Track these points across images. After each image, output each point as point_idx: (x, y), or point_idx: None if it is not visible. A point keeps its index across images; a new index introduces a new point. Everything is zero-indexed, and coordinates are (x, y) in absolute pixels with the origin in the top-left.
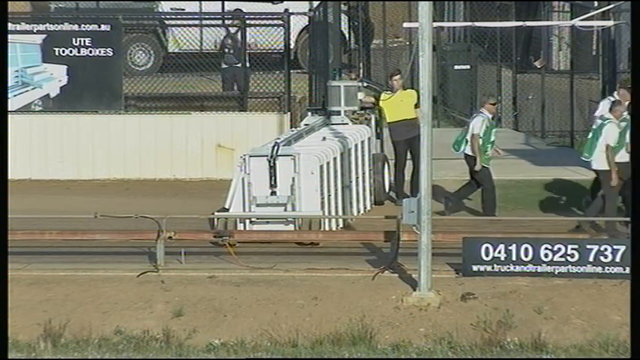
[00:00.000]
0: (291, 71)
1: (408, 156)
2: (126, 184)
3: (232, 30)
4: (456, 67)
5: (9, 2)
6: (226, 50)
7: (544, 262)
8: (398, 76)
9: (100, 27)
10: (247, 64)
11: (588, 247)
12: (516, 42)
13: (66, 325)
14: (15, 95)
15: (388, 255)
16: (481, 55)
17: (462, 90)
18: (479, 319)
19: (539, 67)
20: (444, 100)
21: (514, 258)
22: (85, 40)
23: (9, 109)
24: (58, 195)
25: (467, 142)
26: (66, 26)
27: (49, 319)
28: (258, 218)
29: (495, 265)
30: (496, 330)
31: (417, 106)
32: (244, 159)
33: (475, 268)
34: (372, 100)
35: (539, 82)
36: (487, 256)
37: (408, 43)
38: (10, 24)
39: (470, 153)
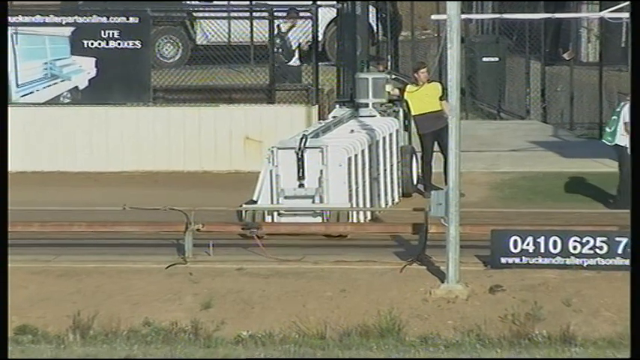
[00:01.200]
0: (319, 63)
1: (435, 148)
2: (154, 176)
3: (283, 29)
4: (485, 59)
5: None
6: (275, 48)
7: (572, 255)
8: (424, 69)
9: (128, 19)
10: (298, 61)
11: (617, 239)
12: (545, 34)
13: (95, 316)
14: (44, 87)
15: (416, 247)
16: (510, 47)
17: (491, 82)
18: (507, 311)
19: (567, 59)
20: (472, 92)
21: (542, 250)
22: (113, 33)
23: (38, 102)
24: (87, 187)
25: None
26: (94, 19)
27: (79, 310)
28: (286, 210)
29: (524, 258)
30: (524, 322)
31: (441, 98)
32: (272, 151)
33: (503, 260)
34: (398, 92)
35: (567, 74)
36: (515, 248)
37: (436, 35)
38: (39, 16)
39: (622, 144)
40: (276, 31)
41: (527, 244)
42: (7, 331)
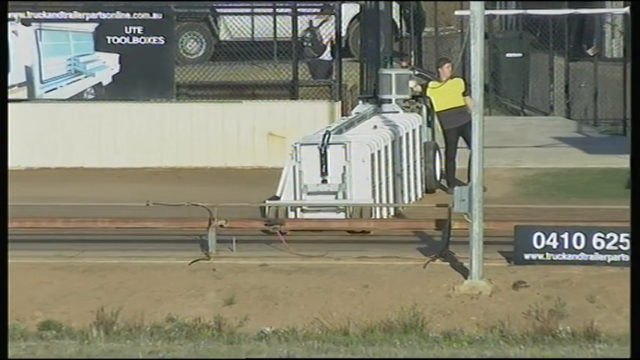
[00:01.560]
0: (343, 59)
1: (460, 144)
2: (178, 172)
3: (315, 24)
4: (508, 55)
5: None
6: (305, 43)
7: (596, 251)
8: (447, 64)
9: (152, 15)
10: (330, 55)
11: None
12: (569, 29)
13: (118, 312)
14: (68, 83)
15: (439, 243)
16: (533, 42)
17: (514, 78)
18: (531, 307)
19: (591, 54)
20: (495, 88)
21: (566, 246)
22: (137, 29)
23: (62, 98)
24: (111, 183)
25: None
26: (118, 15)
27: (102, 306)
28: (309, 206)
29: (547, 254)
30: (548, 319)
31: (464, 93)
32: (295, 147)
33: (527, 256)
34: (420, 89)
35: (591, 70)
36: (539, 244)
37: (459, 31)
38: (62, 13)
39: None
40: (307, 26)
41: (551, 240)
42: (7, 331)
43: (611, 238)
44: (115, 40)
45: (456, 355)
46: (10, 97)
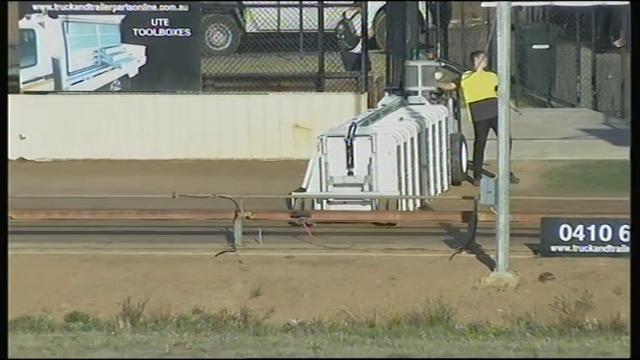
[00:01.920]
0: (369, 51)
1: (489, 136)
2: (204, 163)
3: (347, 16)
4: (535, 46)
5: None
6: (338, 35)
7: (623, 243)
8: (481, 56)
9: (178, 7)
10: (364, 48)
11: None
12: (596, 21)
13: (145, 304)
14: (94, 75)
15: (466, 235)
16: (560, 34)
17: (541, 69)
18: (557, 299)
19: (619, 46)
20: (522, 79)
21: (593, 238)
22: (163, 21)
23: (88, 90)
24: (137, 175)
25: None
26: (144, 7)
27: (129, 297)
28: (335, 198)
29: (574, 246)
30: (575, 311)
31: (496, 88)
32: (321, 139)
33: (553, 248)
34: (453, 86)
35: (618, 62)
36: (566, 236)
37: (485, 22)
38: (89, 4)
39: None
40: (341, 18)
41: (578, 233)
42: (7, 331)
43: None
44: (142, 32)
45: (482, 347)
46: (36, 89)
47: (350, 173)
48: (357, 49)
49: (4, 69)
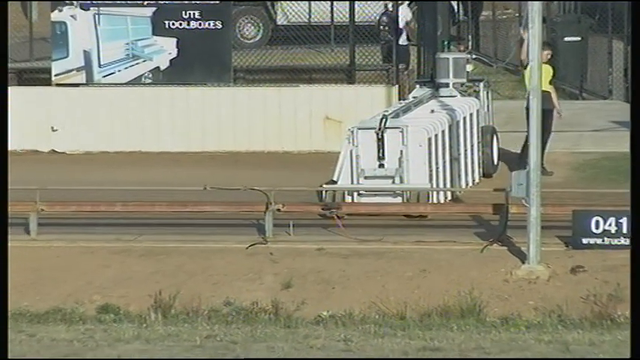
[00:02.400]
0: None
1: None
2: (235, 156)
3: (389, 7)
4: (566, 38)
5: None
6: (382, 27)
7: None
8: (547, 52)
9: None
10: (407, 41)
11: None
12: (628, 13)
13: (176, 296)
14: (126, 68)
15: (497, 228)
16: (592, 26)
17: (573, 62)
18: (589, 292)
19: None
20: (553, 72)
21: (625, 231)
22: (194, 13)
23: (120, 82)
24: (169, 167)
25: None
26: None
27: (160, 290)
28: (366, 190)
29: (606, 239)
30: (606, 303)
31: (551, 82)
32: (352, 131)
33: (585, 241)
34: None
35: None
36: (597, 229)
37: (517, 14)
38: None
39: None
40: (384, 10)
41: (610, 225)
42: (7, 331)
43: None
44: (173, 25)
45: (513, 340)
46: (68, 81)
47: (381, 165)
48: (400, 40)
49: (5, 67)
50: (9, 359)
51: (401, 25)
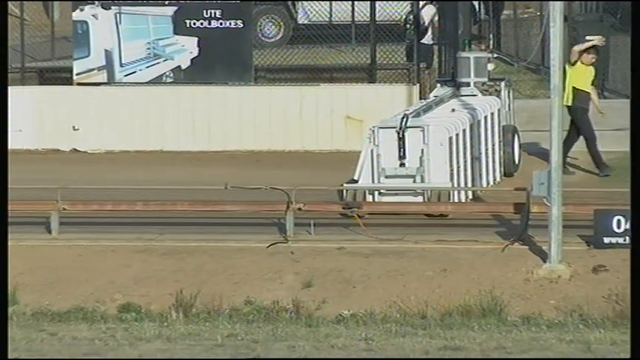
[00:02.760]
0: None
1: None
2: (256, 155)
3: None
4: (588, 37)
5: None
6: (408, 26)
7: None
8: (592, 55)
9: None
10: (432, 40)
11: None
12: None
13: (197, 295)
14: (147, 67)
15: (518, 227)
16: (614, 25)
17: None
18: (610, 291)
19: None
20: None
21: None
22: (215, 12)
23: (141, 81)
24: (190, 166)
25: None
26: None
27: (181, 289)
28: (387, 190)
29: (627, 238)
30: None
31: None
32: (373, 130)
33: (607, 240)
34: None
35: None
36: (619, 228)
37: (538, 13)
38: None
39: None
40: (409, 9)
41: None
42: (7, 331)
43: None
44: (194, 24)
45: (535, 339)
46: (89, 80)
47: (402, 165)
48: (425, 39)
49: (5, 66)
50: (9, 359)
51: (427, 24)
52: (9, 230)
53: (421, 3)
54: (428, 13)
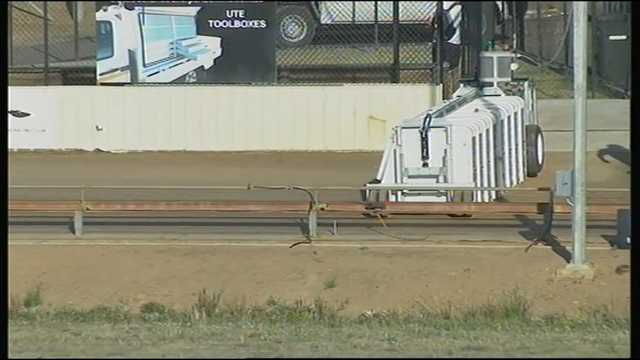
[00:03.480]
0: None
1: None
2: (278, 155)
3: (445, 7)
4: (612, 37)
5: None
6: (436, 26)
7: None
8: None
9: None
10: (459, 40)
11: None
12: None
13: (220, 295)
14: (170, 67)
15: (541, 227)
16: None
17: (618, 61)
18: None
19: None
20: (598, 71)
21: None
22: (238, 12)
23: (164, 81)
24: (212, 166)
25: None
26: None
27: (204, 288)
28: (410, 190)
29: None
30: None
31: None
32: (396, 130)
33: (630, 240)
34: None
35: None
36: None
37: (562, 13)
38: None
39: None
40: (434, 8)
41: None
42: (7, 331)
43: None
44: (217, 24)
45: (558, 340)
46: (113, 80)
47: (425, 165)
48: (453, 39)
49: (5, 66)
50: (9, 359)
51: (455, 24)
52: (31, 230)
53: (450, 3)
54: (456, 12)
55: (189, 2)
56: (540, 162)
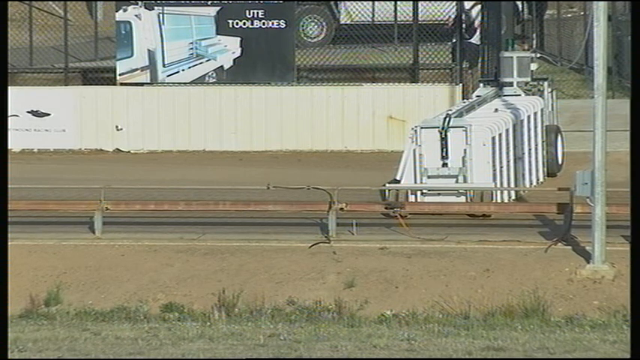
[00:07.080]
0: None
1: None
2: (298, 155)
3: (467, 6)
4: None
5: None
6: (456, 26)
7: None
8: None
9: None
10: (479, 40)
11: None
12: None
13: (239, 294)
14: (189, 67)
15: (561, 227)
16: None
17: None
18: None
19: None
20: (618, 70)
21: None
22: (258, 12)
23: (184, 81)
24: (232, 166)
25: None
26: None
27: (223, 288)
28: (429, 190)
29: None
30: None
31: None
32: (416, 130)
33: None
34: None
35: None
36: None
37: (582, 13)
38: None
39: None
40: (456, 8)
41: None
42: (7, 331)
43: None
44: (237, 24)
45: (578, 340)
46: (132, 80)
47: (444, 165)
48: (474, 39)
49: (5, 66)
50: (9, 359)
51: (476, 24)
52: (51, 230)
53: (471, 3)
54: (476, 12)
55: (209, 2)
56: (560, 162)
